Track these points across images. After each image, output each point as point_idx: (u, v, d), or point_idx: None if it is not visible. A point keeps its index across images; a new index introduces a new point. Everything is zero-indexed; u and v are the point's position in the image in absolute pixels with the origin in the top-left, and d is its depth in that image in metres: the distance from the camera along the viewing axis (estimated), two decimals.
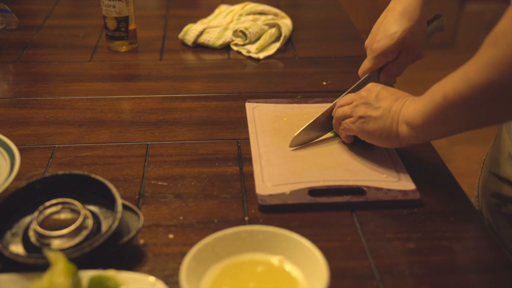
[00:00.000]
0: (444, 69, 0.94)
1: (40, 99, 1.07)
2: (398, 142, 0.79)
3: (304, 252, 0.62)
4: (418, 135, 0.76)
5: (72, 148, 0.92)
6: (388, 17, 0.89)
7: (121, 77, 1.17)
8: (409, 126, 0.76)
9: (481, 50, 0.64)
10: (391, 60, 0.91)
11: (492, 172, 0.96)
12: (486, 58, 0.63)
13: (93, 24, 1.40)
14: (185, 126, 0.98)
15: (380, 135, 0.81)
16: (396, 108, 0.78)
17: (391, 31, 0.88)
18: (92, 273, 0.63)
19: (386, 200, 0.79)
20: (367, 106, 0.82)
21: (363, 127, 0.82)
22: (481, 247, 0.74)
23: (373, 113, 0.81)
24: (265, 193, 0.80)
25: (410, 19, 0.87)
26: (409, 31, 0.87)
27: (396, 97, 0.80)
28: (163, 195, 0.81)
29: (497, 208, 0.95)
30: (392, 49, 0.89)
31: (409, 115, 0.76)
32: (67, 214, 0.69)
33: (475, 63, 0.65)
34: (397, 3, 0.89)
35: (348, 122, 0.85)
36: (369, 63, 0.91)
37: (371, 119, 0.81)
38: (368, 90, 0.83)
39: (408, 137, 0.77)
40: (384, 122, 0.79)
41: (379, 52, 0.89)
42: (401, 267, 0.69)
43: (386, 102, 0.80)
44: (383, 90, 0.82)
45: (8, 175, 0.75)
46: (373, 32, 0.92)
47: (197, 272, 0.61)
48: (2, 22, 1.32)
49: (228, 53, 1.27)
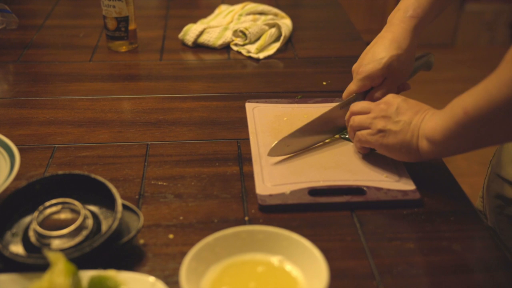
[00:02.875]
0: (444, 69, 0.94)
1: (40, 99, 1.07)
2: (419, 156, 0.78)
3: (304, 252, 0.62)
4: (438, 150, 0.75)
5: (72, 148, 0.92)
6: (377, 44, 0.91)
7: (121, 77, 1.17)
8: (429, 141, 0.75)
9: (502, 66, 0.64)
10: (376, 85, 0.91)
11: (496, 173, 0.96)
12: (508, 74, 0.63)
13: (93, 24, 1.40)
14: (185, 126, 0.98)
15: (400, 149, 0.79)
16: (416, 122, 0.77)
17: (378, 57, 0.89)
18: (92, 273, 0.63)
19: (386, 200, 0.79)
20: (387, 120, 0.80)
21: (382, 141, 0.81)
22: (481, 247, 0.74)
23: (393, 127, 0.79)
24: (265, 193, 0.80)
25: (398, 48, 0.89)
26: (396, 58, 0.89)
27: (416, 110, 0.79)
28: (163, 195, 0.81)
29: (500, 210, 0.95)
30: (378, 74, 0.90)
31: (429, 130, 0.75)
32: (67, 214, 0.69)
33: (496, 78, 0.65)
34: (388, 31, 0.91)
35: (365, 134, 0.83)
36: (355, 86, 0.92)
37: (391, 133, 0.80)
38: (387, 103, 0.82)
39: (428, 152, 0.76)
40: (404, 137, 0.78)
41: (364, 76, 0.90)
42: (401, 267, 0.69)
43: (406, 116, 0.79)
44: (403, 102, 0.81)
45: (8, 175, 0.75)
46: (361, 57, 0.93)
47: (197, 272, 0.61)
48: (2, 22, 1.32)
49: (228, 53, 1.27)
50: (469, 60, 3.24)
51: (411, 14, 0.90)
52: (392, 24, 0.91)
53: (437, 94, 2.50)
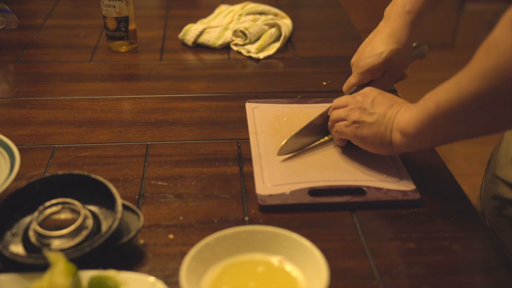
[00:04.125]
0: (444, 69, 0.95)
1: (40, 99, 1.07)
2: (391, 149, 0.79)
3: (304, 252, 0.62)
4: (411, 143, 0.76)
5: (72, 148, 0.92)
6: (376, 37, 0.93)
7: (121, 77, 1.17)
8: (402, 134, 0.76)
9: (474, 60, 0.64)
10: (375, 78, 0.94)
11: (494, 174, 0.96)
12: (478, 67, 0.63)
13: (93, 24, 1.40)
14: (185, 126, 0.98)
15: (373, 141, 0.80)
16: (390, 114, 0.78)
17: (378, 51, 0.91)
18: (92, 273, 0.63)
19: (386, 200, 0.79)
20: (361, 111, 0.81)
21: (356, 132, 0.82)
22: (481, 247, 0.74)
23: (368, 118, 0.80)
24: (265, 193, 0.80)
25: (397, 41, 0.91)
26: (396, 52, 0.91)
27: (391, 103, 0.80)
28: (163, 195, 0.81)
29: (498, 211, 0.95)
30: (379, 67, 0.92)
31: (403, 123, 0.76)
32: (67, 214, 0.69)
33: (467, 72, 0.65)
34: (386, 25, 0.93)
35: (341, 125, 0.85)
36: (355, 79, 0.94)
37: (365, 124, 0.81)
38: (364, 94, 0.83)
39: (401, 145, 0.77)
40: (378, 129, 0.79)
41: (365, 69, 0.92)
42: (401, 267, 0.69)
43: (381, 108, 0.80)
44: (379, 95, 0.82)
45: (8, 175, 0.75)
46: (360, 50, 0.95)
47: (197, 272, 0.61)
48: (2, 22, 1.32)
49: (228, 53, 1.27)
50: (469, 60, 3.23)
51: (408, 9, 0.92)
52: (390, 18, 0.93)
53: None
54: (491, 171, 0.97)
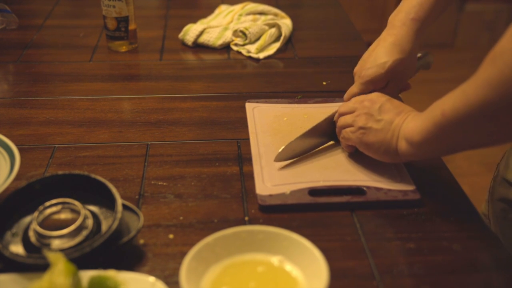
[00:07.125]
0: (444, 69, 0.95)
1: (40, 99, 1.07)
2: (396, 157, 0.78)
3: (304, 252, 0.62)
4: (416, 152, 0.75)
5: (72, 148, 0.92)
6: (379, 46, 0.89)
7: (121, 77, 1.17)
8: (407, 142, 0.75)
9: (481, 68, 0.64)
10: (378, 88, 0.90)
11: (503, 177, 0.96)
12: (484, 76, 0.63)
13: (93, 24, 1.40)
14: (185, 126, 0.98)
15: (379, 148, 0.79)
16: (397, 122, 0.77)
17: (381, 61, 0.87)
18: (92, 273, 0.63)
19: (386, 200, 0.79)
20: (368, 117, 0.80)
21: (362, 138, 0.81)
22: (481, 247, 0.74)
23: (374, 125, 0.79)
24: (265, 193, 0.80)
25: (401, 51, 0.87)
26: (400, 62, 0.87)
27: (399, 110, 0.79)
28: (163, 195, 0.81)
29: (505, 214, 0.95)
30: (382, 78, 0.88)
31: (409, 131, 0.75)
32: (67, 214, 0.69)
33: (474, 81, 0.64)
34: (390, 33, 0.89)
35: (348, 131, 0.83)
36: (357, 89, 0.90)
37: (372, 131, 0.80)
38: (371, 100, 0.82)
39: (406, 153, 0.76)
40: (384, 136, 0.78)
41: (368, 79, 0.88)
42: (401, 267, 0.69)
43: (388, 115, 0.79)
44: (387, 102, 0.81)
45: (8, 175, 0.75)
46: (363, 59, 0.91)
47: (197, 272, 0.61)
48: (2, 22, 1.32)
49: (228, 53, 1.27)
50: (469, 60, 3.23)
51: (413, 16, 0.87)
52: (394, 26, 0.89)
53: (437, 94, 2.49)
54: (501, 174, 0.96)
